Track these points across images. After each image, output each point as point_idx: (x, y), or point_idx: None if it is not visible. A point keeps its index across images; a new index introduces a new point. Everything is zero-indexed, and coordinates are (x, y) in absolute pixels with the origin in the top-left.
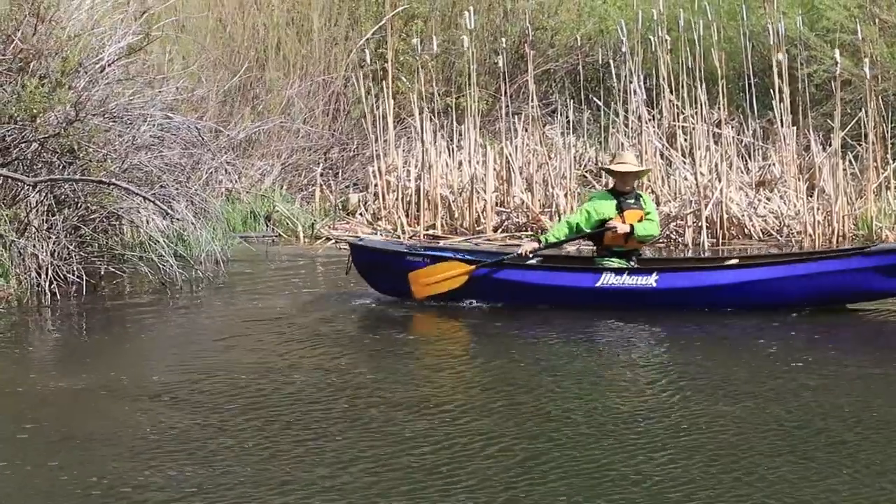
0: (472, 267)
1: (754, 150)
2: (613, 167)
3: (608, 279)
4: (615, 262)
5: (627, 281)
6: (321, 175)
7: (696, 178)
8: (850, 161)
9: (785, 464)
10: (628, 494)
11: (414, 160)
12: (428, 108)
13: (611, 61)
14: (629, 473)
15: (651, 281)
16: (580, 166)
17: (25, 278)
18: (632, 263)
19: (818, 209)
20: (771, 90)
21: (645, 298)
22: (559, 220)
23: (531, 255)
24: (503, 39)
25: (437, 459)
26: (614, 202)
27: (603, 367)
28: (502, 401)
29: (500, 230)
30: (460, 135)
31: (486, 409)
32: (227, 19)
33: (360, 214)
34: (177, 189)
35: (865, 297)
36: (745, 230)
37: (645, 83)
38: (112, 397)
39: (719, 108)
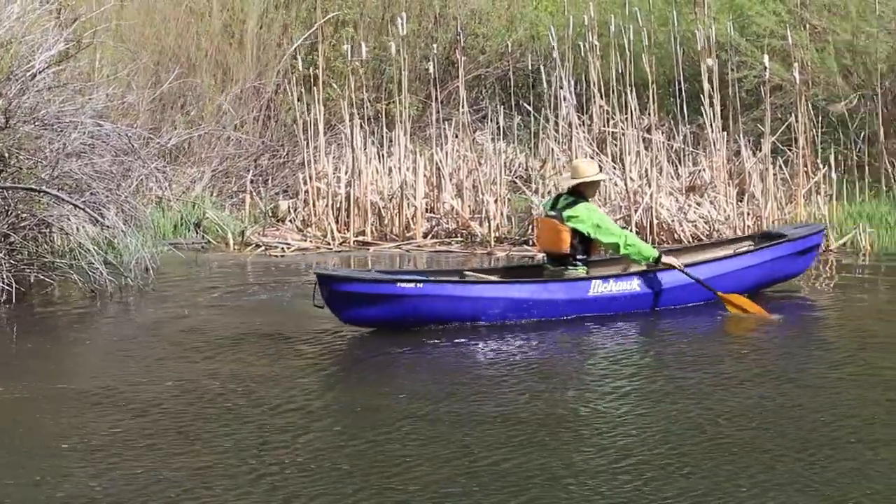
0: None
1: (684, 156)
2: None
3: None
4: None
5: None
6: (251, 182)
7: (626, 184)
8: (780, 166)
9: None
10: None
11: (344, 166)
12: (358, 114)
13: (541, 67)
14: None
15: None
16: (510, 172)
17: None
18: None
19: (748, 214)
20: (701, 95)
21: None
22: (627, 242)
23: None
24: (434, 45)
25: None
26: None
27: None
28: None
29: (430, 236)
30: (390, 141)
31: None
32: (159, 26)
33: (290, 221)
34: (107, 196)
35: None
36: (675, 235)
37: (575, 89)
38: (42, 405)
39: (649, 114)
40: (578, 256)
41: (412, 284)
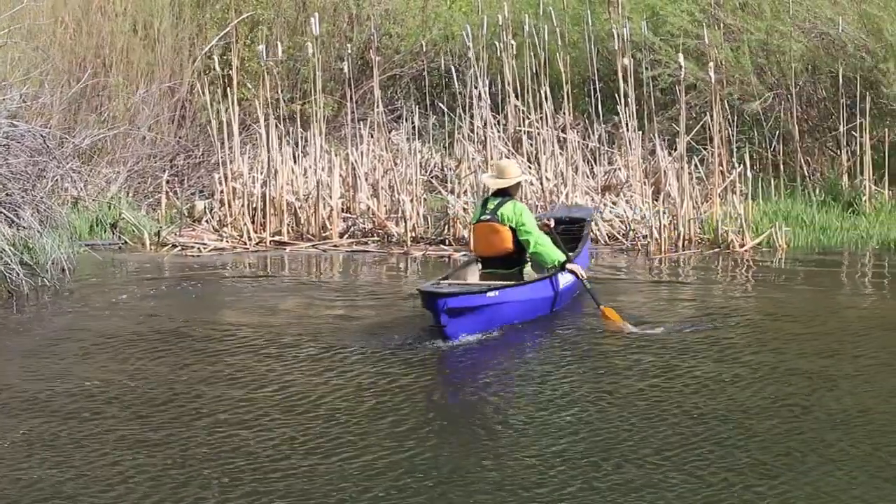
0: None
1: (600, 155)
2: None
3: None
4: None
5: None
6: (167, 182)
7: (541, 183)
8: (695, 165)
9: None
10: None
11: (259, 166)
12: (273, 114)
13: (454, 67)
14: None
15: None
16: (426, 172)
17: None
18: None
19: (664, 213)
20: (616, 94)
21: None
22: (538, 242)
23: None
24: (349, 45)
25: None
26: None
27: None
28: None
29: (347, 236)
30: (306, 141)
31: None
32: (70, 25)
33: (207, 221)
34: (22, 197)
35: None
36: (591, 234)
37: (490, 88)
38: None
39: (565, 113)
40: (523, 254)
41: (494, 293)
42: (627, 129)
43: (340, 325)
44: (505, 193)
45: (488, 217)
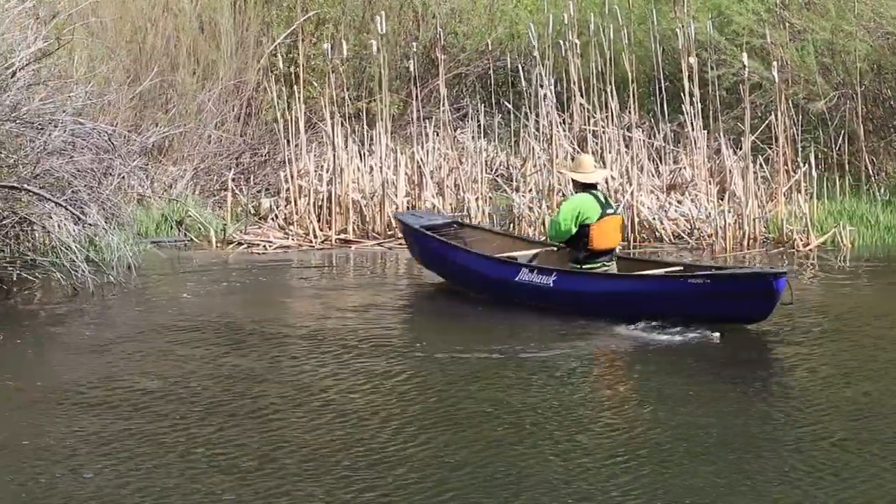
0: None
1: (665, 154)
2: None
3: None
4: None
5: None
6: (233, 180)
7: (606, 182)
8: (760, 164)
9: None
10: None
11: (325, 165)
12: (339, 112)
13: (521, 66)
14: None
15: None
16: (491, 170)
17: None
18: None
19: (729, 212)
20: (681, 94)
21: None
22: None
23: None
24: (414, 44)
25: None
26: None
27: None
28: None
29: None
30: (372, 139)
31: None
32: (137, 22)
33: (272, 219)
34: (89, 194)
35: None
36: (656, 233)
37: (556, 87)
38: (25, 403)
39: (630, 112)
40: None
41: None
42: (692, 129)
43: (403, 324)
44: (594, 187)
45: (612, 211)
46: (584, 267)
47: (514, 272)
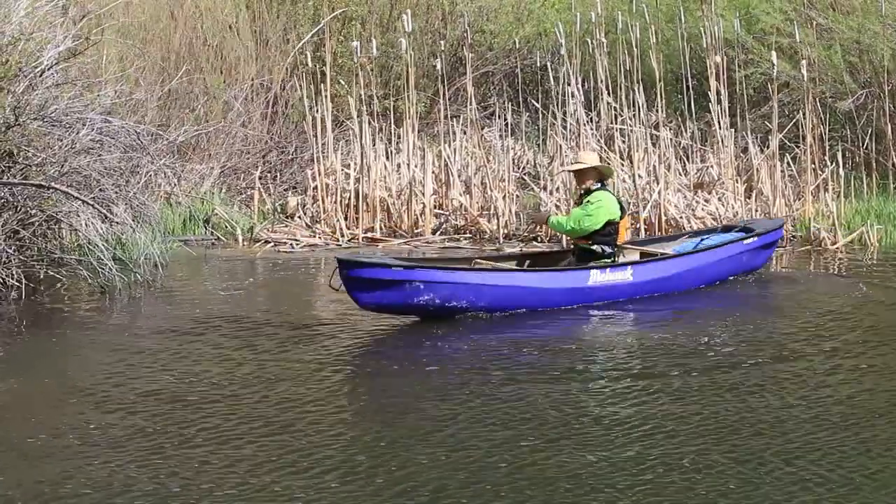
0: None
1: (692, 153)
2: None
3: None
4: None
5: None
6: (260, 178)
7: (633, 181)
8: (787, 163)
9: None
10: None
11: (353, 163)
12: (366, 110)
13: (549, 64)
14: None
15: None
16: (519, 169)
17: None
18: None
19: (756, 211)
20: (709, 92)
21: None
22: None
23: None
24: (442, 42)
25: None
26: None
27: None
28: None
29: (439, 233)
30: (399, 137)
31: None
32: (165, 22)
33: (299, 217)
34: (116, 193)
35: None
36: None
37: (583, 85)
38: (51, 401)
39: (657, 111)
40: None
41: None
42: (720, 127)
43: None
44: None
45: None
46: (613, 260)
47: (583, 278)
